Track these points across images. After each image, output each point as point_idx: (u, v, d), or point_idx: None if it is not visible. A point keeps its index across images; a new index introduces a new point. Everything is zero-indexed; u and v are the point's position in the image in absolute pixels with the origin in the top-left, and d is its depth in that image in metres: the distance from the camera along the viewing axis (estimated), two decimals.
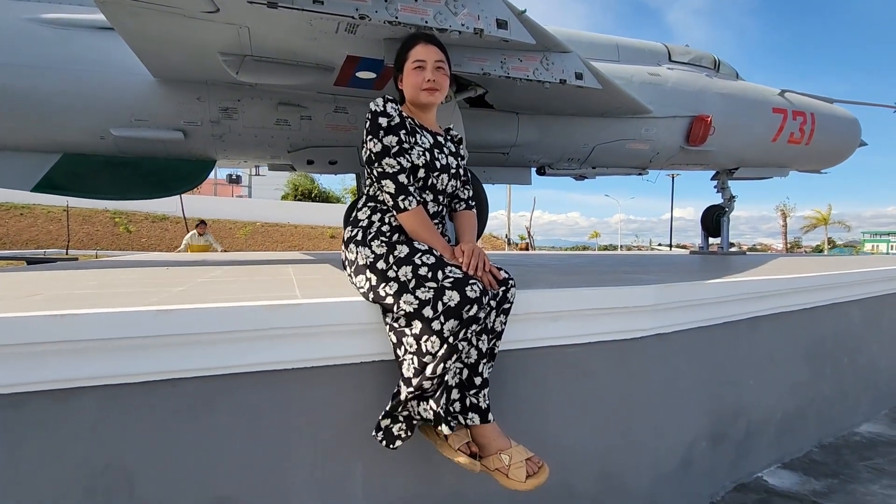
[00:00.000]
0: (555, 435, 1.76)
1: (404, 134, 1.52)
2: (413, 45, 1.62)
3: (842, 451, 2.79)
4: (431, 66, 1.59)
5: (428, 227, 1.52)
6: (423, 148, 1.57)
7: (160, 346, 1.29)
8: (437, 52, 1.62)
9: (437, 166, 1.59)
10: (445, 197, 1.68)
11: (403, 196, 1.49)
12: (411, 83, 1.60)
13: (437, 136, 1.68)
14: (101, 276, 2.66)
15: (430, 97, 1.61)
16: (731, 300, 2.19)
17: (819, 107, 7.22)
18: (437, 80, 1.60)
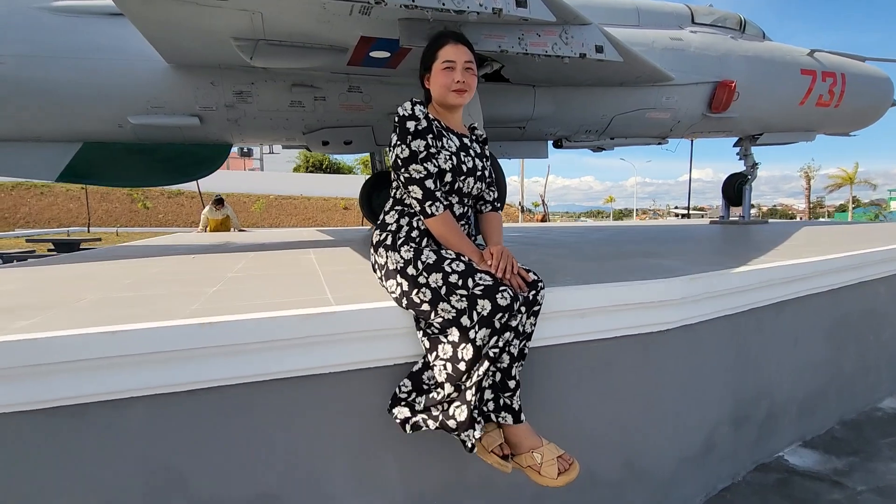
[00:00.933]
0: (578, 425, 1.81)
1: (431, 138, 1.53)
2: (442, 45, 1.59)
3: (864, 427, 2.82)
4: (461, 67, 1.58)
5: (456, 231, 1.54)
6: (449, 152, 1.56)
7: (204, 357, 1.34)
8: (467, 52, 1.60)
9: (463, 170, 1.59)
10: (471, 199, 1.69)
11: (430, 202, 1.50)
12: (440, 83, 1.58)
13: (464, 138, 1.67)
14: (132, 270, 2.74)
15: (458, 98, 1.59)
16: (757, 287, 2.18)
17: (850, 66, 6.89)
18: (467, 81, 1.58)
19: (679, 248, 3.32)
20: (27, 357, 1.19)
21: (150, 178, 4.89)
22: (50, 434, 1.27)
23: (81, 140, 4.34)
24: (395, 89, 4.68)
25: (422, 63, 1.66)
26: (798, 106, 6.64)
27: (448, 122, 1.65)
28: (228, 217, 9.74)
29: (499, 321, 1.33)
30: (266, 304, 1.57)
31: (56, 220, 26.67)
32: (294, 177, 37.72)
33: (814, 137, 7.48)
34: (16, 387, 1.22)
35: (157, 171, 4.74)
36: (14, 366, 1.20)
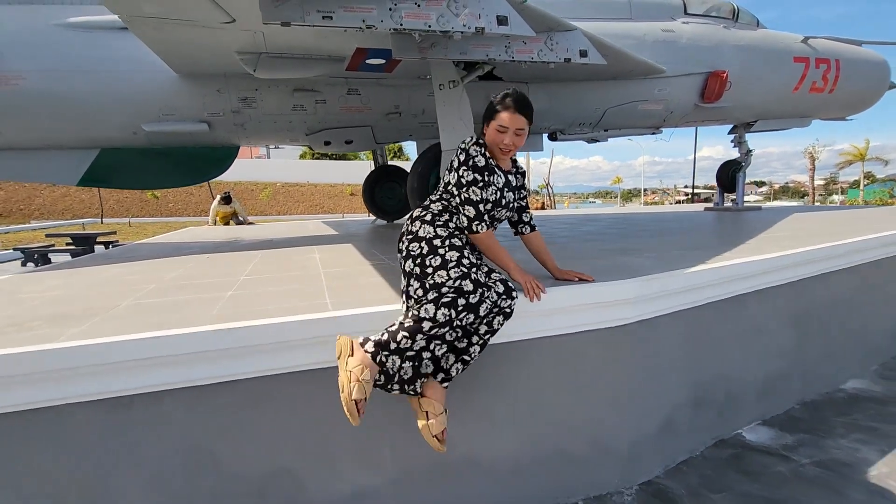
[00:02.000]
0: (550, 409, 2.09)
1: (487, 174, 1.84)
2: (502, 111, 1.83)
3: (822, 407, 3.07)
4: (511, 133, 1.85)
5: (499, 247, 1.87)
6: (496, 187, 1.88)
7: (227, 356, 1.63)
8: (521, 120, 1.84)
9: (503, 203, 1.92)
10: (498, 222, 2.02)
11: (478, 222, 1.82)
12: (492, 139, 1.87)
13: (508, 175, 1.98)
14: (154, 274, 3.03)
15: (503, 156, 1.92)
16: (713, 284, 2.42)
17: (845, 51, 6.95)
18: (514, 143, 1.87)
19: (658, 244, 3.55)
20: (85, 359, 1.49)
21: (164, 180, 5.18)
22: (104, 422, 1.57)
23: (99, 147, 4.63)
24: (392, 91, 4.90)
25: (485, 113, 1.91)
26: (791, 93, 6.74)
27: (498, 160, 1.94)
28: (237, 211, 10.12)
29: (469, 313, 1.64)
30: (277, 309, 1.85)
31: (70, 211, 27.25)
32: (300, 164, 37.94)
33: (809, 123, 7.57)
34: (76, 383, 1.51)
35: (170, 173, 5.03)
36: (74, 366, 1.49)
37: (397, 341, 1.60)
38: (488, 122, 1.90)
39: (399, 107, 5.05)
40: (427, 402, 1.70)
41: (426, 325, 1.60)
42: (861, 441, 2.63)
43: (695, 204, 13.49)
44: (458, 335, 1.71)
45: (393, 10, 2.67)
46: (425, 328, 1.60)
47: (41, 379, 1.48)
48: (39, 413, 1.51)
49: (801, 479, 2.30)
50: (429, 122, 5.32)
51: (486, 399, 1.99)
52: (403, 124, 5.27)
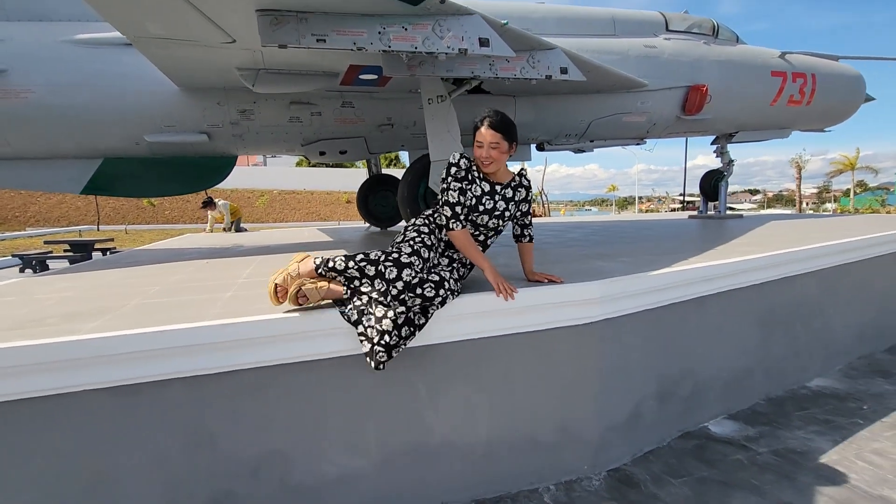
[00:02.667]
0: (523, 399, 2.28)
1: (465, 183, 2.18)
2: (480, 128, 2.17)
3: (785, 403, 3.27)
4: (487, 146, 2.15)
5: (472, 244, 2.18)
6: (473, 194, 2.20)
7: (226, 348, 1.82)
8: (494, 134, 2.14)
9: (479, 209, 2.22)
10: (487, 230, 2.31)
11: (454, 220, 2.15)
12: (474, 154, 2.21)
13: (496, 185, 2.26)
14: (157, 278, 3.21)
15: (486, 168, 2.20)
16: (676, 286, 2.63)
17: (821, 66, 7.24)
18: (492, 156, 2.16)
19: (634, 249, 3.77)
20: (102, 350, 1.67)
21: (164, 189, 5.36)
22: (115, 406, 1.75)
23: (102, 156, 4.82)
24: (384, 104, 5.12)
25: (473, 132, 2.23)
26: (770, 106, 7.01)
27: (489, 173, 2.24)
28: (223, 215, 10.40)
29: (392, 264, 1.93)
30: (272, 308, 2.03)
31: (65, 219, 27.31)
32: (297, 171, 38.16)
33: (788, 134, 7.85)
34: (91, 372, 1.70)
35: (171, 181, 5.21)
36: (92, 356, 1.67)
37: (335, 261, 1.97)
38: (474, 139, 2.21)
39: (391, 119, 5.27)
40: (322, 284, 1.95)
41: (359, 256, 1.95)
42: (816, 432, 2.83)
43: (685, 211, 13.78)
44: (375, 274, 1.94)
45: (382, 34, 2.89)
46: (358, 258, 1.95)
47: (60, 368, 1.66)
48: (57, 399, 1.68)
49: (756, 466, 2.49)
50: (420, 133, 5.54)
51: (464, 389, 2.18)
52: (396, 135, 5.49)
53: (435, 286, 1.94)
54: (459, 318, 2.09)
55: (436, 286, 1.95)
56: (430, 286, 1.93)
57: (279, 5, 2.73)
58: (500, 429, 2.25)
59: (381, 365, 1.88)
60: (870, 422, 2.95)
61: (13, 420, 1.65)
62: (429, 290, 1.93)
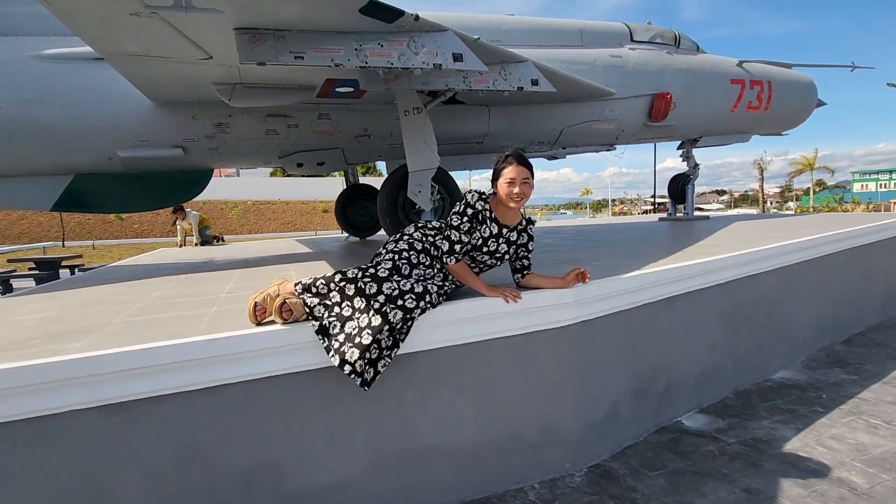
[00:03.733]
0: (504, 400, 2.37)
1: (476, 223, 2.23)
2: (507, 167, 2.21)
3: (752, 395, 3.45)
4: (519, 182, 2.19)
5: (468, 273, 2.27)
6: (481, 235, 2.25)
7: (215, 362, 1.85)
8: (524, 171, 2.22)
9: (483, 249, 2.28)
10: (484, 266, 2.39)
11: (448, 256, 2.22)
12: (503, 192, 2.22)
13: (504, 228, 2.31)
14: (137, 294, 3.20)
15: (515, 205, 2.24)
16: (644, 287, 2.77)
17: (776, 74, 7.64)
18: (523, 191, 2.21)
19: (606, 253, 3.92)
20: (91, 369, 1.69)
21: (139, 204, 5.30)
22: (106, 424, 1.76)
23: (73, 172, 4.74)
24: (361, 115, 5.19)
25: (493, 173, 2.28)
26: (730, 112, 7.36)
27: (500, 213, 2.30)
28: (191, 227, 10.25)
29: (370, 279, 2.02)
30: None
31: (27, 235, 26.25)
32: (271, 181, 37.69)
33: (749, 139, 8.24)
34: (80, 392, 1.71)
35: (146, 196, 5.16)
36: (79, 376, 1.69)
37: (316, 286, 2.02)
38: (496, 181, 2.25)
39: (368, 130, 5.33)
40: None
41: (338, 277, 2.00)
42: (780, 422, 3.01)
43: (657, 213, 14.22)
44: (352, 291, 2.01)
45: (358, 51, 2.97)
46: (336, 279, 2.01)
47: (49, 388, 1.67)
48: (48, 419, 1.69)
49: (725, 456, 2.64)
50: (397, 144, 5.61)
51: (448, 393, 2.26)
52: (373, 146, 5.56)
53: (416, 298, 2.01)
54: (442, 325, 2.17)
55: (417, 298, 2.02)
56: (412, 298, 2.00)
57: (257, 24, 2.78)
58: (485, 431, 2.33)
59: (366, 385, 1.93)
60: (828, 409, 3.14)
61: (5, 442, 1.65)
62: (410, 301, 2.00)
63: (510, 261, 2.45)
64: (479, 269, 2.40)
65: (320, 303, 2.00)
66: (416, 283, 2.06)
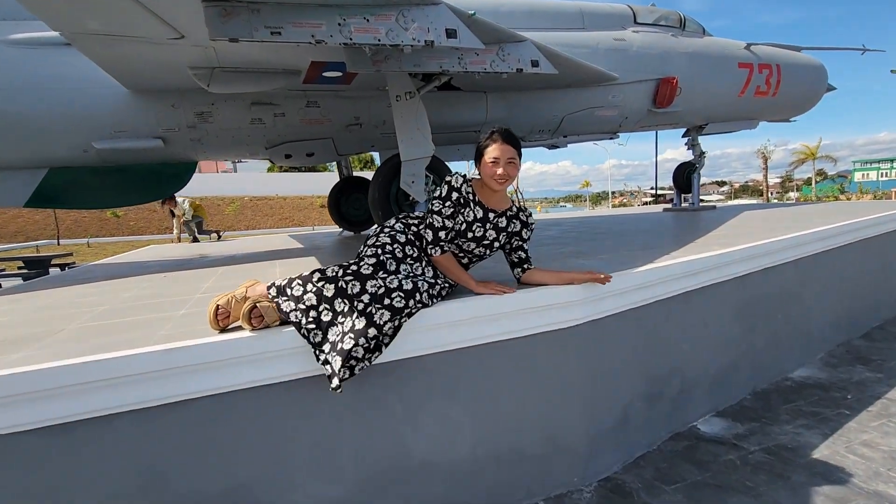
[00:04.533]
0: (506, 411, 2.13)
1: (459, 207, 2.01)
2: (491, 145, 1.99)
3: (771, 396, 3.22)
4: (504, 162, 1.98)
5: (454, 266, 2.05)
6: (465, 220, 2.03)
7: (174, 376, 1.61)
8: (510, 150, 1.99)
9: (468, 235, 2.05)
10: (472, 256, 2.14)
11: (433, 246, 2.00)
12: (486, 173, 2.00)
13: (490, 213, 2.08)
14: (108, 295, 2.96)
15: (499, 186, 2.02)
16: (658, 282, 2.53)
17: (785, 57, 7.35)
18: (508, 173, 1.99)
19: (613, 245, 3.68)
20: (23, 386, 1.45)
21: (119, 199, 5.05)
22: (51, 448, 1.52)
23: (47, 166, 4.48)
24: (351, 102, 4.92)
25: (476, 152, 2.06)
26: (738, 97, 7.08)
27: (485, 197, 2.07)
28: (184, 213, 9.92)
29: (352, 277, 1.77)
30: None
31: (22, 234, 25.97)
32: (268, 176, 37.35)
33: (756, 125, 7.96)
34: (15, 411, 1.47)
35: (126, 191, 4.90)
36: (12, 394, 1.45)
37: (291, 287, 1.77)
38: (480, 160, 2.04)
39: (359, 118, 5.07)
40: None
41: (315, 276, 1.76)
42: (804, 426, 2.77)
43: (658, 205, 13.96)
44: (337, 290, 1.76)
45: (342, 26, 2.70)
46: (314, 278, 1.76)
47: None
48: None
49: (748, 466, 2.40)
50: (390, 133, 5.32)
51: (443, 404, 2.02)
52: (365, 135, 5.30)
53: (405, 296, 1.78)
54: (434, 329, 1.93)
55: (406, 296, 1.78)
56: (400, 297, 1.77)
57: None
58: (484, 444, 2.09)
59: (339, 388, 1.70)
60: (856, 412, 2.91)
61: None
62: (398, 300, 1.76)
63: (505, 254, 2.21)
64: (468, 259, 2.16)
65: (296, 307, 1.75)
66: (404, 280, 1.82)
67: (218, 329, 1.70)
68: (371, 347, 1.75)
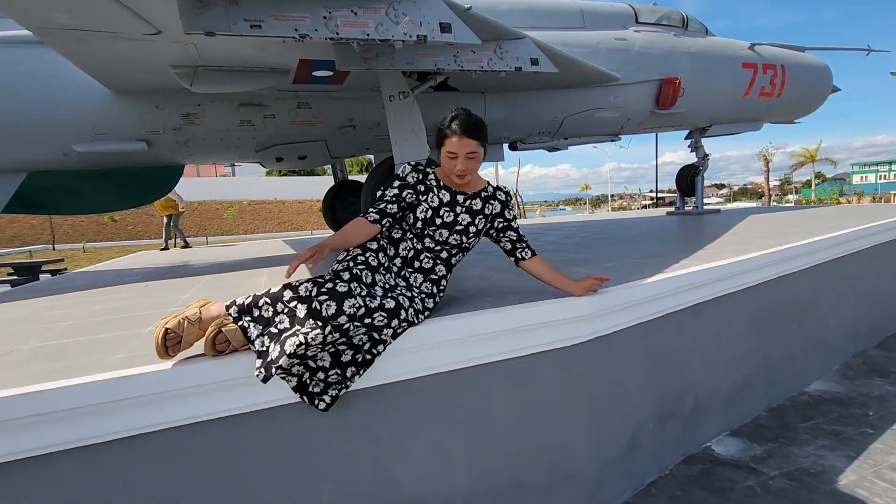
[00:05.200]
0: (504, 437, 1.93)
1: (410, 194, 1.86)
2: (450, 136, 1.79)
3: (788, 412, 3.02)
4: (462, 157, 1.80)
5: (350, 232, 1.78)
6: (430, 206, 1.86)
7: (126, 407, 1.42)
8: (470, 143, 1.79)
9: (436, 222, 1.86)
10: (450, 247, 1.92)
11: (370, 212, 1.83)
12: (445, 166, 1.85)
13: (459, 195, 1.90)
14: (78, 308, 2.76)
15: (459, 181, 1.86)
16: (669, 294, 2.33)
17: (789, 57, 7.18)
18: (467, 167, 1.82)
19: (618, 252, 3.48)
20: None
21: (103, 204, 4.87)
22: None
23: (26, 170, 4.29)
24: (344, 103, 4.74)
25: (437, 135, 1.87)
26: (742, 98, 6.90)
27: (452, 181, 1.89)
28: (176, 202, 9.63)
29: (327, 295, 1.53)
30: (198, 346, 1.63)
31: (19, 239, 25.75)
32: (267, 181, 37.18)
33: (760, 127, 7.78)
34: None
35: (110, 195, 4.72)
36: None
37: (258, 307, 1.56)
38: (440, 148, 1.85)
39: (353, 120, 4.89)
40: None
41: (286, 295, 1.54)
42: (826, 447, 2.57)
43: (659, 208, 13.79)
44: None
45: (328, 19, 2.52)
46: (285, 297, 1.54)
47: None
48: None
49: (770, 494, 2.20)
50: (385, 135, 5.12)
51: (433, 431, 1.82)
52: (359, 138, 5.11)
53: (388, 315, 1.58)
54: (423, 349, 1.74)
55: (389, 315, 1.59)
56: (382, 316, 1.57)
57: None
58: (480, 475, 1.90)
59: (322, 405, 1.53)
60: (880, 431, 2.71)
61: None
62: (379, 319, 1.56)
63: (494, 241, 2.03)
64: (447, 253, 1.92)
65: (264, 331, 1.56)
66: (385, 298, 1.62)
67: (167, 358, 1.49)
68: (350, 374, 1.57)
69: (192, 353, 1.55)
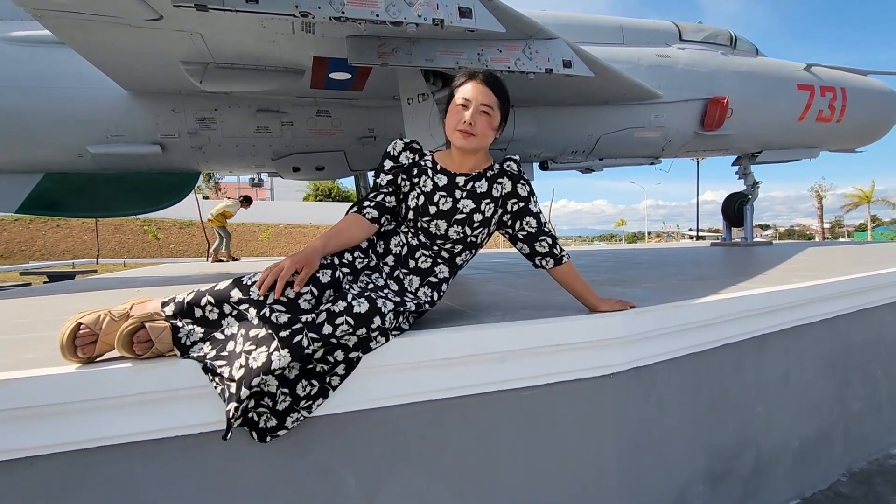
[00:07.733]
0: (509, 491, 1.50)
1: (404, 180, 1.53)
2: (466, 82, 1.47)
3: (873, 479, 2.43)
4: (475, 107, 1.44)
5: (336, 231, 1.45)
6: (422, 191, 1.51)
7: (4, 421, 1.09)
8: (489, 94, 1.46)
9: (430, 211, 1.50)
10: (452, 242, 1.55)
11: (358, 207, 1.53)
12: (449, 122, 1.48)
13: (459, 177, 1.54)
14: (41, 306, 2.53)
15: (462, 141, 1.46)
16: (727, 320, 1.87)
17: (850, 80, 6.63)
18: (477, 124, 1.44)
19: (657, 275, 3.02)
20: None
21: (116, 208, 4.78)
22: None
23: (43, 171, 4.25)
24: (365, 112, 4.54)
25: (446, 101, 1.53)
26: (797, 122, 6.37)
27: (451, 163, 1.55)
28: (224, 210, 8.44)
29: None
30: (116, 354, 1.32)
31: (70, 252, 27.10)
32: (304, 205, 38.17)
33: (817, 154, 7.18)
34: None
35: (123, 199, 4.63)
36: None
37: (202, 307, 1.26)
38: (448, 106, 1.51)
39: (374, 130, 4.68)
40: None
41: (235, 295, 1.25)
42: None
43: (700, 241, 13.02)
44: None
45: None
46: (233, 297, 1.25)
47: None
48: None
49: None
50: None
51: (414, 477, 1.41)
52: (379, 149, 4.88)
53: (355, 323, 1.21)
54: (407, 369, 1.36)
55: (356, 322, 1.21)
56: (346, 324, 1.20)
57: None
58: None
59: (266, 436, 1.18)
60: None
61: None
62: (343, 326, 1.20)
63: (510, 236, 1.60)
64: (448, 252, 1.56)
65: (205, 336, 1.22)
66: (356, 300, 1.25)
67: (75, 361, 1.17)
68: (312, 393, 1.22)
69: (110, 357, 1.23)
